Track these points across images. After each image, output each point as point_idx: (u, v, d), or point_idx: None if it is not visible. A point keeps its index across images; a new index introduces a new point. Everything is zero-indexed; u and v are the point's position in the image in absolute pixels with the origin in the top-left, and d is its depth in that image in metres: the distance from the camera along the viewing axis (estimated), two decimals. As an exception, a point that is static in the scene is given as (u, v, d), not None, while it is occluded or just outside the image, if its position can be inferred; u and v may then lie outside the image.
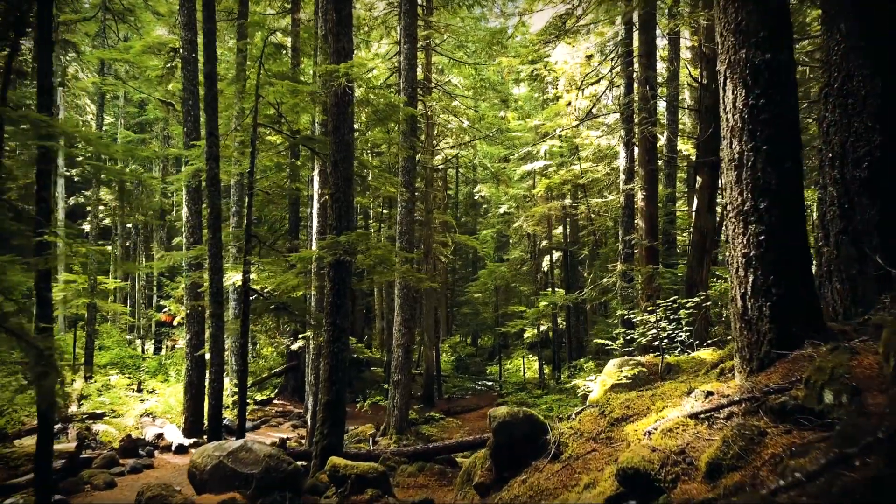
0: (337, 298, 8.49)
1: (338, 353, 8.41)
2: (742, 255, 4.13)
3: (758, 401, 3.51)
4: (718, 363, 7.37)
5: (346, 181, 8.65)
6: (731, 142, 4.23)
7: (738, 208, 4.17)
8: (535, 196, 25.63)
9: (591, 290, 17.01)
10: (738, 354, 4.25)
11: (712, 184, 13.83)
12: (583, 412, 6.19)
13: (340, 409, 8.43)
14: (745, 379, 4.08)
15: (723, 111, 4.36)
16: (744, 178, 4.12)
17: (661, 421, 4.06)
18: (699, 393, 4.11)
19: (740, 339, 4.20)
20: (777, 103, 4.06)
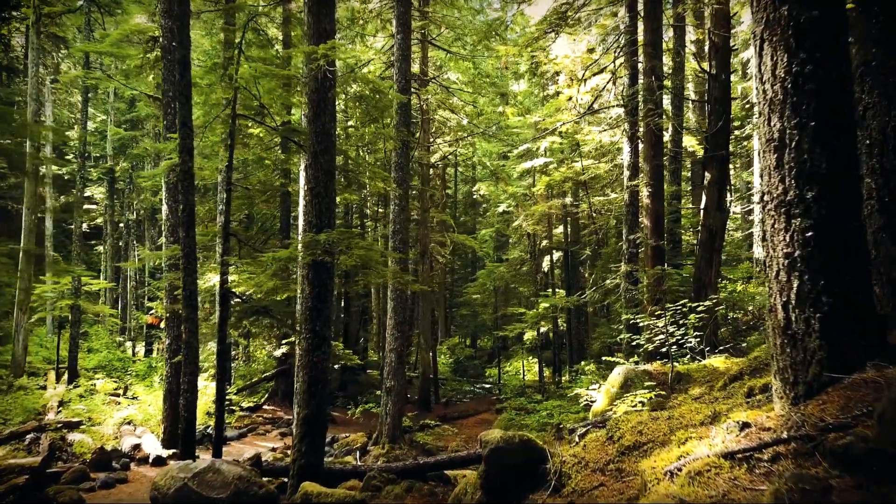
0: (317, 303, 7.75)
1: (317, 363, 7.67)
2: (784, 255, 3.39)
3: (812, 440, 2.77)
4: (737, 376, 6.63)
5: (328, 174, 7.91)
6: (770, 118, 3.49)
7: (778, 199, 3.43)
8: (535, 194, 24.89)
9: (594, 292, 16.27)
10: (777, 376, 3.50)
11: (721, 179, 13.09)
12: (587, 435, 5.47)
13: (320, 424, 7.70)
14: (788, 407, 3.33)
15: (758, 82, 3.62)
16: (786, 161, 3.38)
17: (685, 459, 3.32)
18: (732, 425, 3.36)
19: (781, 357, 3.45)
20: (827, 70, 3.32)
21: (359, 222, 28.41)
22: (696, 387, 8.60)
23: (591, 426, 5.96)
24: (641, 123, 13.61)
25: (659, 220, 13.39)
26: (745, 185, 26.71)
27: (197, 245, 10.38)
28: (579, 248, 24.53)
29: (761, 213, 3.60)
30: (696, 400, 5.92)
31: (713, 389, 8.03)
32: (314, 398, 7.61)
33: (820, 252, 3.27)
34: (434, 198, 29.17)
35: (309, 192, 7.91)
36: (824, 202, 3.27)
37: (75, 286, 19.67)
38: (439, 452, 15.35)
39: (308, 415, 7.57)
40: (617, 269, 15.77)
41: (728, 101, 13.04)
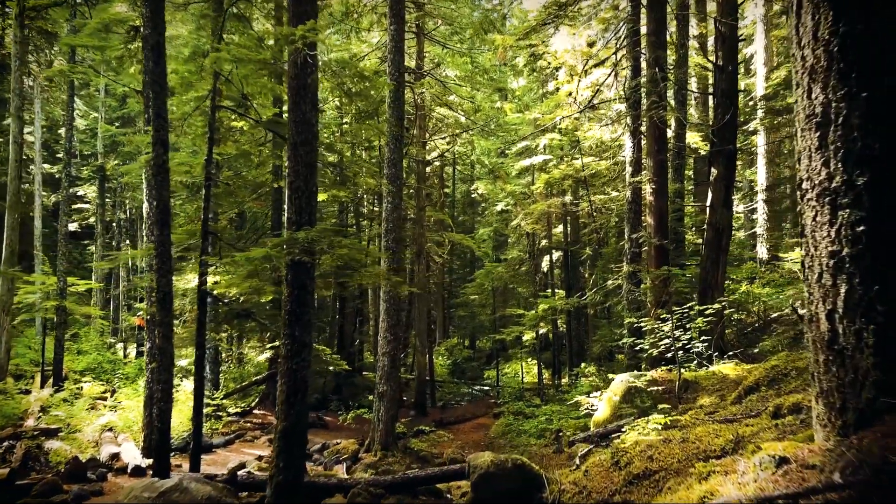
0: (296, 306, 7.17)
1: (297, 372, 7.09)
2: (828, 254, 2.81)
3: (880, 488, 2.19)
4: (754, 387, 6.04)
5: (308, 167, 7.33)
6: (810, 89, 2.91)
7: (820, 186, 2.85)
8: (534, 193, 24.32)
9: (594, 294, 15.69)
10: (820, 399, 2.92)
11: (728, 175, 12.51)
12: (589, 456, 4.89)
13: (300, 437, 7.12)
14: (835, 439, 2.75)
15: (795, 47, 3.03)
16: (830, 140, 2.80)
17: (710, 501, 2.73)
18: (766, 459, 2.78)
19: (826, 378, 2.86)
20: (881, 29, 2.74)
21: (354, 221, 27.83)
22: (706, 396, 8.02)
23: (592, 445, 5.37)
24: (644, 117, 13.05)
25: (663, 218, 12.83)
26: (748, 183, 26.15)
27: (177, 244, 9.81)
28: (579, 247, 23.95)
29: (800, 203, 3.01)
30: (710, 416, 5.34)
31: (724, 399, 7.45)
32: (293, 409, 7.03)
33: (873, 250, 2.69)
34: (431, 197, 28.61)
35: (288, 187, 7.33)
36: (878, 190, 2.69)
37: (60, 287, 19.09)
38: (434, 460, 14.77)
39: (287, 427, 6.98)
40: (618, 269, 15.20)
41: (735, 93, 12.46)
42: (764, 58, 22.05)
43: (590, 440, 8.10)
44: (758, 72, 22.57)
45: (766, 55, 22.14)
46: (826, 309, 2.83)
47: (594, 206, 20.93)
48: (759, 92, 21.39)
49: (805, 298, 3.03)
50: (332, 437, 16.92)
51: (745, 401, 5.61)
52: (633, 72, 13.84)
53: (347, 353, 26.10)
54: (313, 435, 17.27)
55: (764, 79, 21.51)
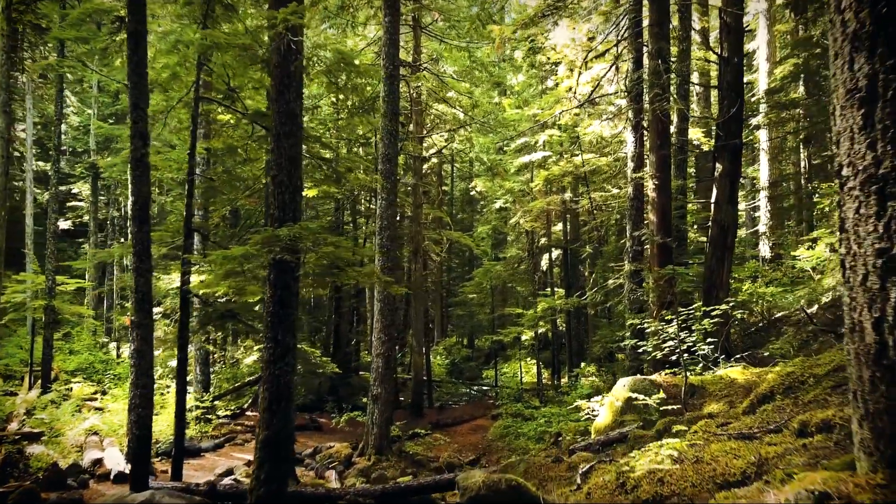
0: (279, 308, 6.75)
1: (280, 377, 6.67)
2: (875, 252, 2.39)
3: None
4: (768, 396, 5.62)
5: (292, 161, 6.91)
6: (852, 59, 2.48)
7: (865, 172, 2.43)
8: (533, 190, 23.88)
9: (594, 293, 15.28)
10: (864, 423, 2.50)
11: (733, 171, 12.09)
12: (591, 473, 4.47)
13: (284, 447, 6.70)
14: (884, 471, 2.33)
15: (833, 11, 2.61)
16: (878, 118, 2.38)
17: (737, 545, 2.32)
18: (804, 495, 2.35)
19: (872, 398, 2.44)
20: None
21: (350, 219, 27.40)
22: (713, 402, 7.60)
23: (595, 461, 4.95)
24: (647, 110, 12.63)
25: (666, 214, 12.41)
26: (751, 180, 25.73)
27: (158, 242, 9.39)
28: (579, 245, 23.53)
29: (841, 193, 2.58)
30: (722, 428, 4.92)
31: (734, 407, 7.03)
32: (276, 417, 6.61)
33: (929, 248, 2.27)
34: (429, 194, 28.19)
35: (271, 182, 6.91)
36: (936, 176, 2.26)
37: (49, 286, 18.66)
38: (429, 464, 14.36)
39: (269, 436, 6.56)
40: (619, 268, 14.79)
41: (741, 85, 12.03)
42: (767, 53, 21.64)
43: (591, 448, 7.69)
44: (760, 67, 22.15)
45: (769, 50, 21.73)
46: (872, 317, 2.41)
47: (594, 203, 20.51)
48: (762, 87, 20.98)
49: (846, 304, 2.61)
50: (325, 440, 16.50)
51: (760, 411, 5.19)
52: (634, 64, 13.42)
53: (343, 353, 25.69)
54: (306, 438, 16.87)
55: (767, 74, 21.10)
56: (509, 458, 15.22)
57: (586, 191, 20.46)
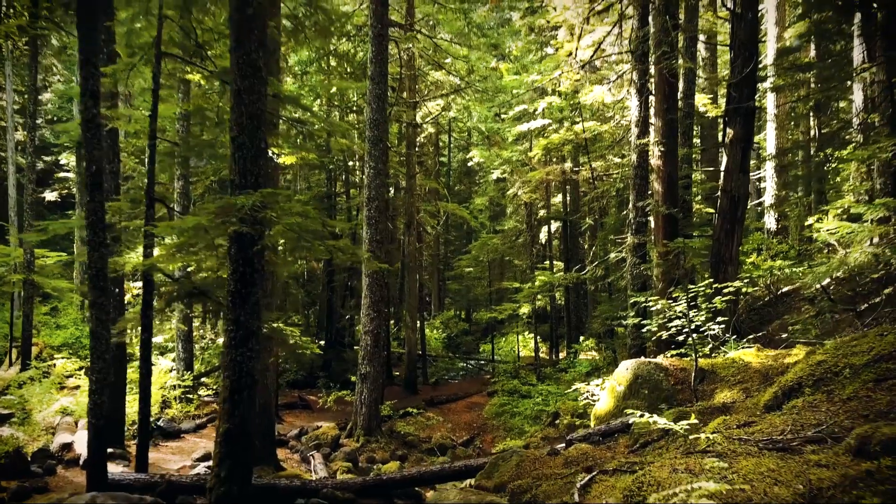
0: (241, 286, 6.00)
1: (242, 364, 5.95)
2: None
3: None
4: (795, 388, 4.89)
5: (254, 119, 6.09)
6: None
7: None
8: (532, 160, 22.98)
9: (595, 267, 14.53)
10: None
11: (746, 136, 11.24)
12: (592, 487, 3.76)
13: (246, 441, 5.99)
14: None
15: None
16: None
17: None
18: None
19: None
20: None
21: (343, 189, 26.56)
22: (726, 389, 6.90)
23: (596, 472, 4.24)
24: (653, 71, 11.74)
25: (672, 183, 11.60)
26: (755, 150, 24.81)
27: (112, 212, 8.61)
28: (579, 216, 22.71)
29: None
30: (744, 428, 4.19)
31: (750, 395, 6.32)
32: (238, 408, 5.89)
33: None
34: (425, 164, 27.33)
35: (231, 143, 6.11)
36: None
37: (28, 259, 17.90)
38: (421, 444, 13.79)
39: (230, 430, 5.86)
40: (621, 241, 14.01)
41: (755, 43, 11.10)
42: (776, 17, 20.57)
43: (590, 438, 7.01)
44: (769, 32, 21.11)
45: (778, 14, 20.67)
46: None
47: (595, 173, 19.66)
48: (771, 53, 19.98)
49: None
50: (313, 419, 15.92)
51: (788, 408, 4.46)
52: (639, 21, 12.45)
53: (336, 327, 25.09)
54: (294, 417, 16.29)
55: (776, 39, 20.09)
56: (504, 439, 14.65)
57: (587, 159, 19.58)
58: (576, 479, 4.06)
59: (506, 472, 6.52)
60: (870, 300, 9.68)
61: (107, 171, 11.58)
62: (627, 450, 6.23)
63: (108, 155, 11.58)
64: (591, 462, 6.00)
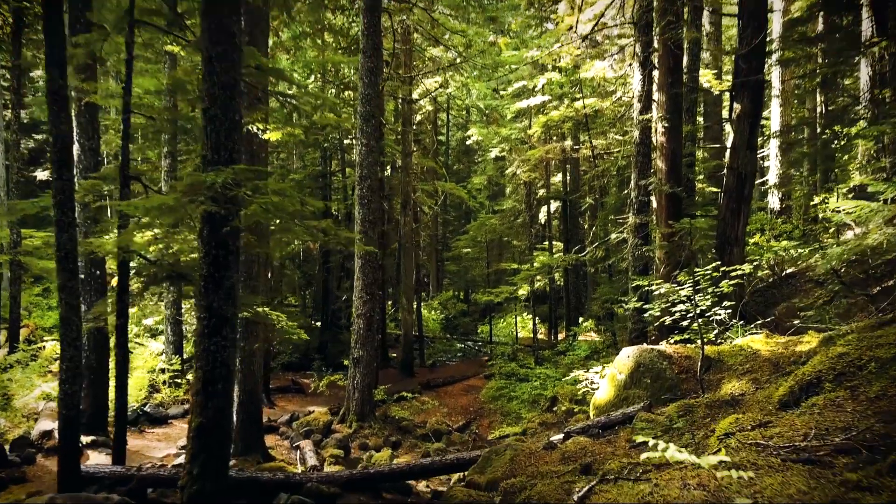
0: (214, 270, 5.56)
1: (216, 353, 5.54)
2: None
3: None
4: (814, 384, 4.48)
5: (227, 89, 5.61)
6: None
7: None
8: (531, 138, 22.42)
9: (595, 249, 14.09)
10: None
11: (755, 111, 10.74)
12: (591, 497, 3.36)
13: (222, 436, 5.60)
14: None
15: None
16: None
17: None
18: None
19: None
20: None
21: (339, 168, 26.02)
22: (734, 379, 6.49)
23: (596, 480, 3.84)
24: (657, 43, 11.19)
25: (676, 161, 11.12)
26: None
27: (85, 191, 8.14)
28: (579, 196, 22.21)
29: None
30: (760, 430, 3.79)
31: (760, 387, 5.91)
32: (212, 401, 5.49)
33: None
34: (422, 143, 26.76)
35: (203, 116, 5.64)
36: None
37: (14, 240, 17.46)
38: (416, 430, 13.45)
39: (204, 424, 5.46)
40: (622, 221, 13.56)
41: (765, 13, 10.57)
42: (783, -12, 19.92)
43: (589, 431, 6.62)
44: (775, 5, 20.45)
45: (786, -15, 20.00)
46: None
47: (596, 150, 19.13)
48: (777, 27, 19.33)
49: None
50: (306, 403, 15.58)
51: (807, 405, 4.05)
52: (644, -10, 11.89)
53: (331, 309, 24.72)
54: (286, 402, 15.96)
55: (782, 13, 19.45)
56: (501, 424, 14.33)
57: (587, 136, 19.03)
58: (574, 486, 3.66)
59: (499, 468, 6.15)
60: (883, 283, 9.27)
61: (86, 147, 11.16)
62: (629, 445, 5.84)
63: (87, 131, 11.13)
64: (590, 458, 5.62)
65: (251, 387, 10.15)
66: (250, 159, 10.21)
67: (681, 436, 5.17)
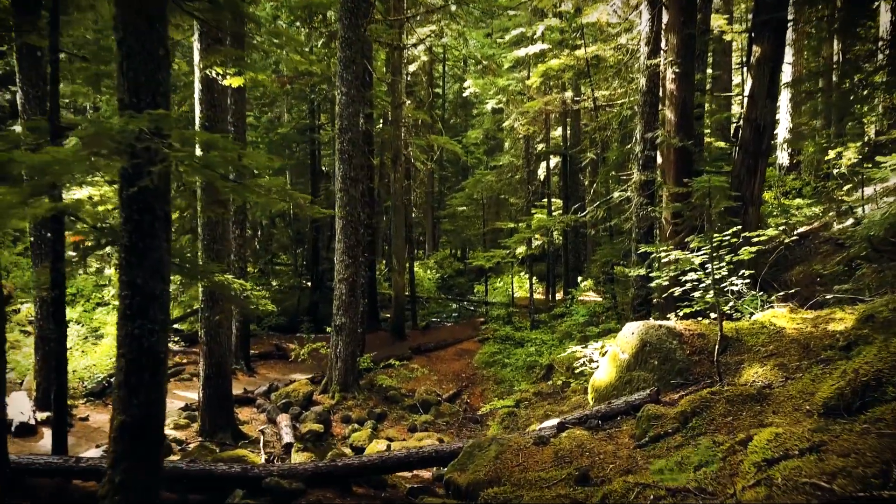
0: (137, 239, 4.61)
1: (141, 339, 4.63)
2: None
3: None
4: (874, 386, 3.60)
5: (148, 19, 4.55)
6: None
7: None
8: (530, 89, 21.14)
9: (596, 209, 13.10)
10: None
11: (776, 55, 9.63)
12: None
13: (152, 436, 4.73)
14: None
15: None
16: None
17: None
18: None
19: None
20: None
21: (328, 120, 24.75)
22: (755, 363, 5.59)
23: None
24: (668, -23, 9.97)
25: (687, 111, 10.03)
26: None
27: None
28: (579, 150, 21.06)
29: None
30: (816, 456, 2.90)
31: (792, 377, 5.00)
32: (138, 395, 4.60)
33: None
34: (416, 94, 25.45)
35: (117, 50, 4.59)
36: None
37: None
38: (403, 399, 12.71)
39: (127, 423, 4.58)
40: (626, 177, 12.52)
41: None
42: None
43: (587, 422, 5.77)
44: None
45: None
46: None
47: (598, 102, 17.92)
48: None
49: None
50: (289, 371, 14.82)
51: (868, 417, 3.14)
52: (654, -82, 10.60)
53: (320, 269, 23.84)
54: (268, 369, 15.19)
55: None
56: (494, 393, 13.58)
57: (589, 85, 17.78)
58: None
59: (482, 466, 5.30)
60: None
61: (31, 96, 10.05)
62: (634, 442, 4.98)
63: (31, 77, 10.01)
64: (588, 461, 4.77)
65: (218, 360, 9.30)
66: (211, 109, 9.14)
67: (696, 441, 4.29)
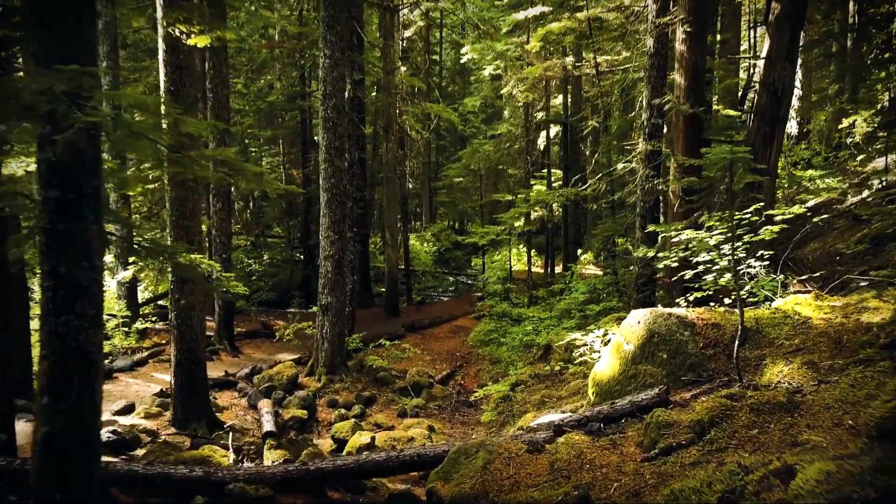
0: (59, 220, 3.92)
1: (67, 336, 3.95)
2: None
3: None
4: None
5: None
6: None
7: None
8: (529, 54, 20.17)
9: (598, 181, 12.34)
10: None
11: (797, 13, 8.80)
12: None
13: (81, 450, 4.07)
14: None
15: None
16: None
17: None
18: None
19: None
20: None
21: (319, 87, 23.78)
22: (779, 360, 4.91)
23: None
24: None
25: (698, 75, 9.22)
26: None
27: None
28: (580, 118, 20.20)
29: None
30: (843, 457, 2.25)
31: (826, 379, 4.33)
32: (64, 401, 3.94)
33: None
34: (415, 62, 24.51)
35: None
36: None
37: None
38: (394, 381, 12.12)
39: (52, 435, 3.93)
40: (630, 147, 11.76)
41: None
42: None
43: (586, 425, 5.12)
44: None
45: None
46: None
47: (600, 68, 17.01)
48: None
49: None
50: (275, 351, 14.21)
51: None
52: None
53: (312, 243, 23.12)
54: (253, 349, 14.57)
55: None
56: (489, 375, 12.99)
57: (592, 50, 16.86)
58: None
59: (468, 477, 4.67)
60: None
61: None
62: (641, 453, 4.34)
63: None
64: (589, 477, 4.13)
65: (190, 345, 8.66)
66: (177, 72, 8.34)
67: (717, 458, 3.64)
